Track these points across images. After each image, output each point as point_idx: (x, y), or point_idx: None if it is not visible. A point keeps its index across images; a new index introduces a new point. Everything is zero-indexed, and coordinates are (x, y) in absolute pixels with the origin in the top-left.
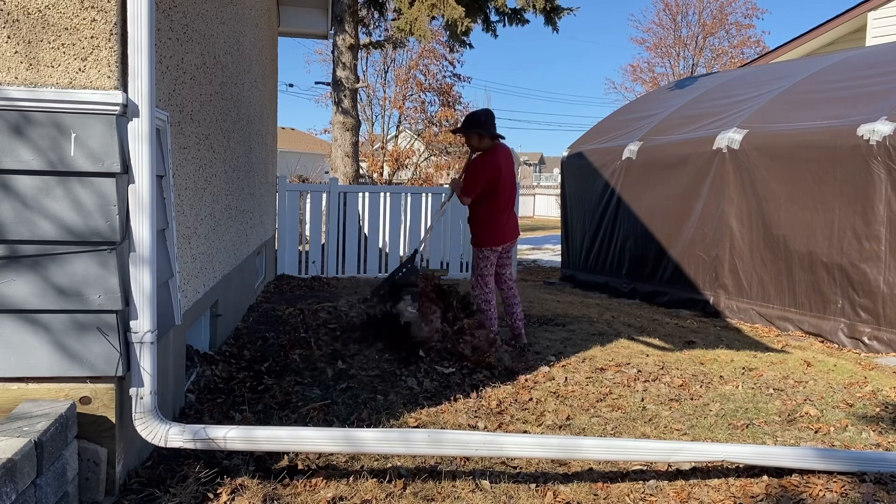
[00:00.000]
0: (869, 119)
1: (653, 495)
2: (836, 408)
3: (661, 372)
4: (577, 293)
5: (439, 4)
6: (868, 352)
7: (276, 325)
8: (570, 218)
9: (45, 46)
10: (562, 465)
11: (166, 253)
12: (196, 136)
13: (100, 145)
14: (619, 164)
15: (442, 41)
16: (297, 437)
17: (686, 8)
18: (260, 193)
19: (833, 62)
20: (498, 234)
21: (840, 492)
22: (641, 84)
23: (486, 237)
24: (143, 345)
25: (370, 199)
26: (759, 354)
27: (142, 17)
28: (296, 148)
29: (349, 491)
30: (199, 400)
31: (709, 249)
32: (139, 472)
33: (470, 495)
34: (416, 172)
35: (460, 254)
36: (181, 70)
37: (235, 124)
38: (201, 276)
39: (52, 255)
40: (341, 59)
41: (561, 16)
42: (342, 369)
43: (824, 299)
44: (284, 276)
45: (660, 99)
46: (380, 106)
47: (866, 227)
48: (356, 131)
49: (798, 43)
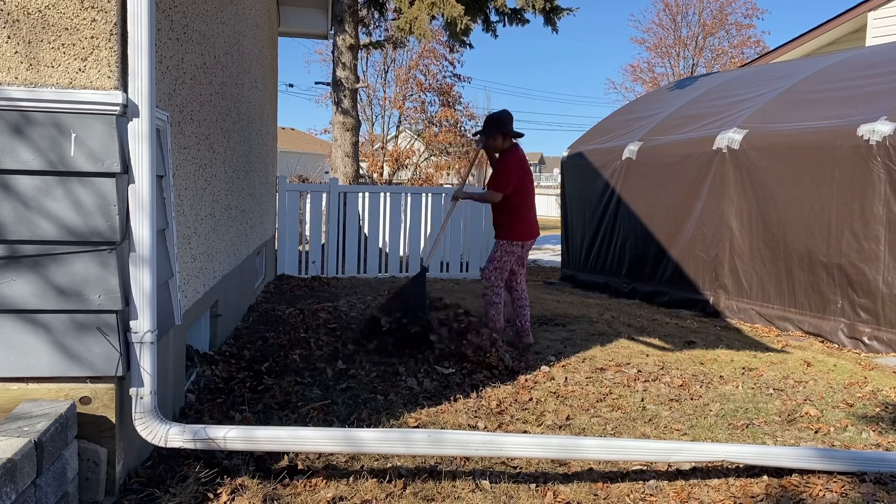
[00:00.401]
0: (869, 119)
1: (653, 495)
2: (836, 408)
3: (661, 372)
4: (577, 293)
5: (439, 3)
6: (868, 352)
7: (276, 325)
8: (570, 218)
9: (46, 46)
10: (562, 465)
11: (166, 253)
12: (196, 136)
13: (100, 145)
14: (619, 164)
15: (442, 41)
16: (297, 437)
17: (686, 8)
18: (260, 193)
19: (833, 62)
20: (527, 228)
21: (840, 492)
22: (641, 84)
23: (518, 230)
24: (143, 345)
25: (370, 199)
26: (759, 354)
27: (142, 17)
28: (296, 148)
29: (349, 491)
30: (199, 400)
31: (709, 249)
32: (139, 472)
33: (470, 495)
34: (416, 172)
35: (460, 254)
36: (181, 70)
37: (235, 124)
38: (201, 276)
39: (53, 255)
40: (341, 59)
41: (561, 16)
42: (342, 369)
43: (824, 299)
44: (284, 276)
45: (660, 99)
46: (380, 106)
47: (865, 227)
48: (356, 131)
49: (798, 43)
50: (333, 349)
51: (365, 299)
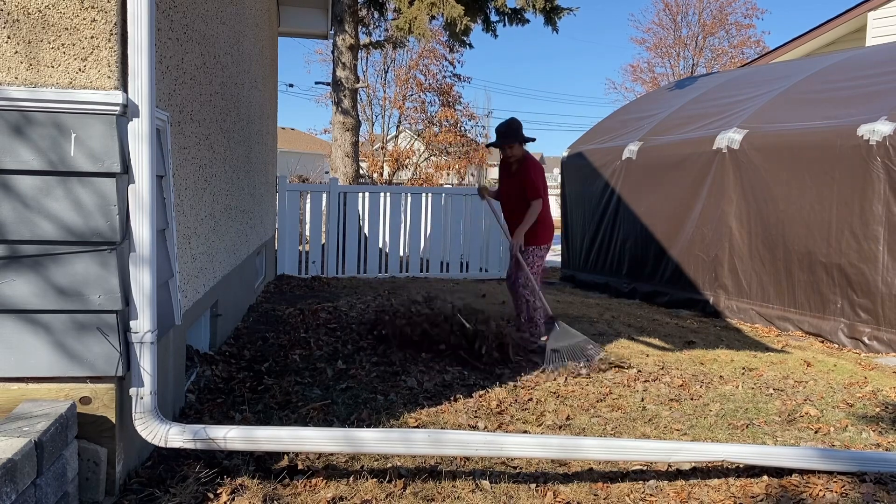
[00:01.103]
0: (869, 119)
1: (653, 495)
2: (836, 408)
3: (661, 372)
4: (577, 293)
5: (439, 3)
6: (868, 352)
7: (276, 325)
8: (570, 218)
9: (46, 46)
10: (562, 465)
11: (166, 253)
12: (196, 136)
13: (100, 145)
14: (619, 164)
15: (442, 41)
16: (297, 437)
17: (686, 8)
18: (260, 193)
19: (833, 62)
20: (552, 230)
21: (840, 492)
22: (641, 84)
23: (548, 234)
24: (143, 345)
25: (370, 199)
26: (759, 354)
27: (142, 18)
28: (296, 148)
29: (349, 491)
30: (199, 400)
31: (708, 249)
32: (139, 472)
33: (470, 495)
34: (416, 172)
35: (460, 254)
36: (181, 70)
37: (235, 124)
38: (201, 276)
39: (53, 255)
40: (341, 59)
41: (561, 16)
42: (342, 369)
43: (824, 299)
44: (284, 276)
45: (660, 99)
46: (380, 106)
47: (865, 227)
48: (356, 131)
49: (798, 43)
50: (333, 349)
51: (365, 299)
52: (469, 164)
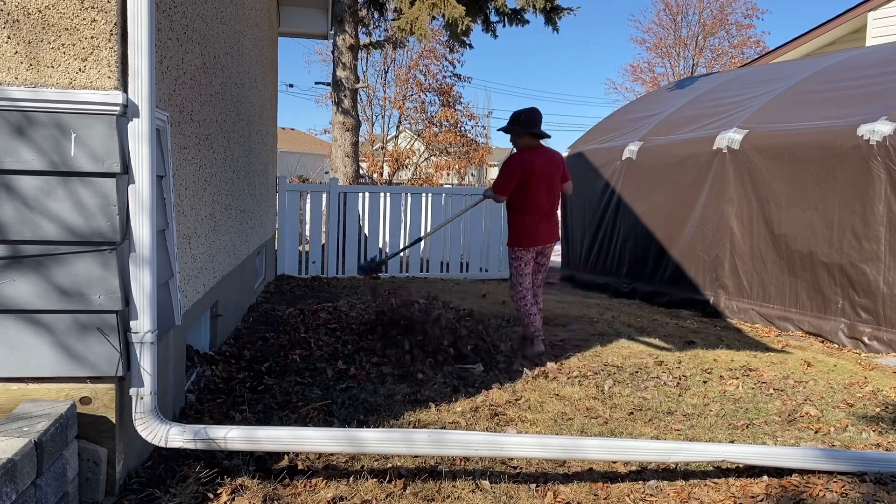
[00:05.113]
0: (869, 119)
1: (653, 495)
2: (836, 408)
3: (661, 372)
4: (577, 293)
5: (440, 4)
6: (868, 352)
7: (276, 326)
8: (570, 218)
9: (46, 47)
10: (562, 465)
11: (166, 253)
12: (196, 136)
13: (100, 145)
14: (620, 164)
15: (442, 41)
16: (297, 437)
17: (686, 8)
18: (260, 193)
19: (833, 62)
20: (525, 235)
21: (840, 492)
22: (641, 84)
23: (516, 237)
24: (143, 345)
25: (370, 199)
26: (759, 354)
27: (142, 18)
28: (296, 148)
29: (349, 491)
30: (199, 400)
31: (709, 249)
32: (139, 472)
33: (470, 495)
34: (416, 172)
35: (460, 254)
36: (181, 70)
37: (235, 124)
38: (201, 277)
39: (54, 255)
40: (341, 60)
41: (561, 16)
42: (342, 369)
43: (824, 299)
44: (284, 277)
45: (660, 99)
46: (380, 106)
47: (866, 227)
48: (356, 131)
49: (798, 43)
50: (333, 349)
51: (365, 299)
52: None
